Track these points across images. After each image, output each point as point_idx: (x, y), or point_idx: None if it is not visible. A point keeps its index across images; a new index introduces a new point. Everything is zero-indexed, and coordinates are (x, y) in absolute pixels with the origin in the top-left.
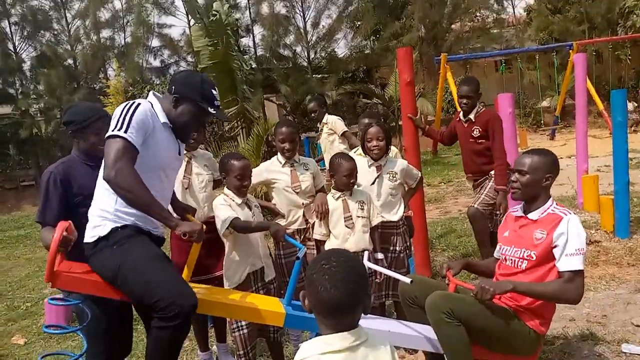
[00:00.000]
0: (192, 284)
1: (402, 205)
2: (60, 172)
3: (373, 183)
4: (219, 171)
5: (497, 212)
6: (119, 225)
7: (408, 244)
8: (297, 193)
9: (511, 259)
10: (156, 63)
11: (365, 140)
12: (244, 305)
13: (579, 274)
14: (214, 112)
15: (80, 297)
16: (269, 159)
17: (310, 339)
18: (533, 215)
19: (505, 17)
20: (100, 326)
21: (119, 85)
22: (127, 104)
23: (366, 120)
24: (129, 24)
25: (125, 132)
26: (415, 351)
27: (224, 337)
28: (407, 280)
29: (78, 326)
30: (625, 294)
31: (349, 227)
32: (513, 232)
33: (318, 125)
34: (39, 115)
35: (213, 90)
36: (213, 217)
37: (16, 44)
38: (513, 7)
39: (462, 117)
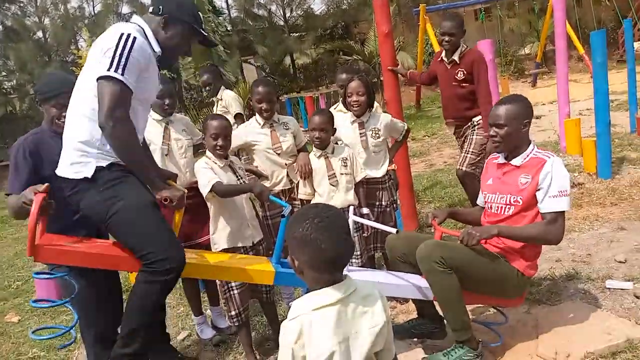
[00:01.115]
0: None
1: (387, 161)
2: (30, 144)
3: (366, 148)
4: (203, 133)
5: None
6: (103, 164)
7: (395, 197)
8: (278, 154)
9: (497, 206)
10: None
11: (345, 95)
12: (233, 267)
13: (561, 215)
14: (203, 32)
15: (65, 269)
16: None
17: (303, 295)
18: (516, 161)
19: None
20: (89, 297)
21: None
22: (122, 37)
23: (344, 76)
24: None
25: (123, 74)
26: (406, 301)
27: (217, 300)
28: (392, 230)
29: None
30: (609, 232)
31: (333, 185)
32: (497, 180)
33: (213, 99)
34: (11, 92)
35: (200, 13)
36: (196, 182)
37: None
38: None
39: (444, 58)
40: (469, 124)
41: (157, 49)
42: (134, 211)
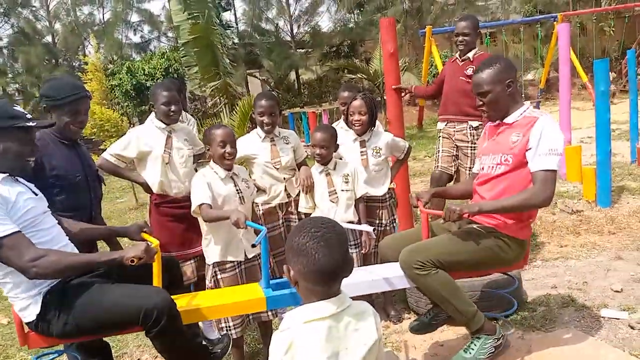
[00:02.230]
0: None
1: (388, 180)
2: None
3: (366, 166)
4: (204, 144)
5: None
6: (44, 291)
7: (395, 216)
8: (277, 169)
9: (489, 166)
10: (136, 39)
11: (348, 114)
12: (223, 303)
13: (550, 175)
14: (33, 124)
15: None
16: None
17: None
18: (509, 119)
19: None
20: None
21: (98, 63)
22: None
23: (346, 94)
24: None
25: None
26: (400, 320)
27: None
28: (369, 228)
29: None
30: (606, 261)
31: (333, 202)
32: (491, 142)
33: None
34: (16, 94)
35: (15, 108)
36: None
37: None
38: None
39: (458, 57)
40: (465, 126)
41: (1, 176)
42: (94, 302)
